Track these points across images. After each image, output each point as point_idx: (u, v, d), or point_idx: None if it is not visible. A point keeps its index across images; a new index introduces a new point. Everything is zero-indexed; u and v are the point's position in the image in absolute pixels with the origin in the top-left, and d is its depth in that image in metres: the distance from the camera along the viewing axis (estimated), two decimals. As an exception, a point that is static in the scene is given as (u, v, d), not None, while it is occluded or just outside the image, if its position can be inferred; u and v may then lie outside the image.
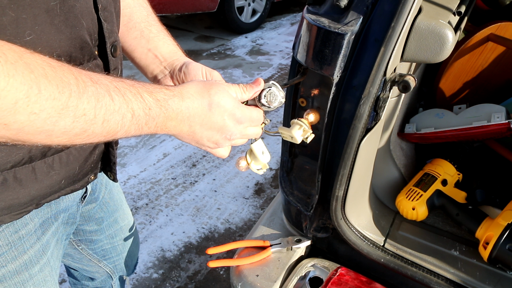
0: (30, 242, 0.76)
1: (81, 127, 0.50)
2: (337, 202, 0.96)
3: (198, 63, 0.82)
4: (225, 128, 0.68)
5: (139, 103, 0.56)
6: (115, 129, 0.55)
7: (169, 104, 0.60)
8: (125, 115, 0.55)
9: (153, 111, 0.58)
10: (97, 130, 0.53)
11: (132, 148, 2.88)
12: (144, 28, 0.85)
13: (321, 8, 0.86)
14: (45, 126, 0.47)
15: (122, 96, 0.54)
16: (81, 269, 1.14)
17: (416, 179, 1.17)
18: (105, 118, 0.52)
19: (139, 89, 0.57)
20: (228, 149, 0.75)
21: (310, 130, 0.82)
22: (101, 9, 0.67)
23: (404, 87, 0.82)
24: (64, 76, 0.48)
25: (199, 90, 0.65)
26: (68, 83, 0.48)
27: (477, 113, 1.16)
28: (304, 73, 0.89)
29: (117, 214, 1.07)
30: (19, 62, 0.44)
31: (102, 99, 0.51)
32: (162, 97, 0.60)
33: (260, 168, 0.80)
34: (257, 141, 0.77)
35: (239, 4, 4.77)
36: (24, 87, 0.43)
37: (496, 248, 0.94)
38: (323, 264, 1.03)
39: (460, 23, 0.88)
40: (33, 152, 0.66)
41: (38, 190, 0.70)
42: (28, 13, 0.55)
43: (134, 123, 0.56)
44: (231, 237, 2.16)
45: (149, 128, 0.59)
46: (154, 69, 0.85)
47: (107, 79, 0.54)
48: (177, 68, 0.83)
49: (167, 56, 0.84)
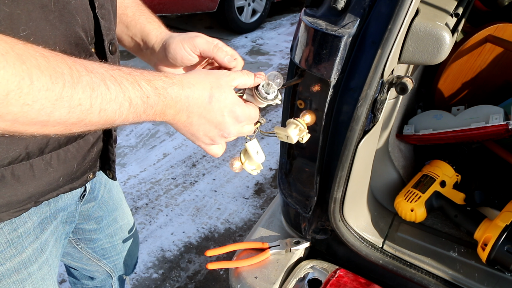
0: (28, 241, 0.76)
1: (77, 117, 0.50)
2: (336, 204, 0.96)
3: (176, 39, 0.77)
4: (223, 125, 0.66)
5: (136, 91, 0.55)
6: (113, 117, 0.54)
7: (168, 92, 0.59)
8: (123, 104, 0.54)
9: (151, 99, 0.57)
10: (94, 119, 0.52)
11: (132, 148, 2.89)
12: (121, 13, 0.83)
13: (318, 10, 0.86)
14: (39, 117, 0.47)
15: (118, 85, 0.53)
16: (80, 268, 1.14)
17: (414, 180, 1.17)
18: (101, 108, 0.52)
19: (137, 77, 0.57)
20: (222, 148, 0.73)
21: (306, 130, 0.81)
22: (98, 7, 0.67)
23: (401, 89, 0.82)
24: (58, 66, 0.47)
25: (201, 80, 0.64)
26: (61, 73, 0.47)
27: (475, 114, 1.16)
28: (302, 75, 0.90)
29: (116, 213, 1.07)
30: (10, 53, 0.43)
31: (98, 88, 0.51)
32: (161, 85, 0.59)
33: (254, 168, 0.78)
34: (252, 141, 0.76)
35: (239, 4, 4.76)
36: (16, 78, 0.43)
37: (495, 249, 0.95)
38: (322, 265, 1.03)
39: (457, 25, 0.88)
40: (30, 148, 0.66)
41: (36, 187, 0.71)
42: (22, 9, 0.55)
43: (132, 112, 0.56)
44: (231, 237, 2.17)
45: (147, 115, 0.59)
46: (145, 57, 0.84)
47: (103, 68, 0.53)
48: (160, 54, 0.80)
49: (147, 42, 0.82)
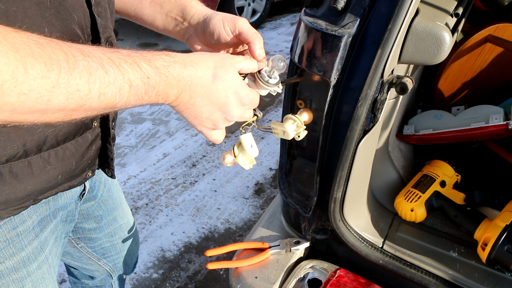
0: (28, 239, 0.76)
1: (76, 103, 0.49)
2: (336, 204, 0.96)
3: (219, 15, 0.78)
4: (227, 107, 0.65)
5: (136, 72, 0.54)
6: (113, 101, 0.53)
7: (169, 71, 0.58)
8: (122, 86, 0.53)
9: (152, 79, 0.56)
10: (94, 104, 0.51)
11: (132, 148, 2.89)
12: None
13: (318, 10, 0.86)
14: (37, 105, 0.46)
15: (117, 67, 0.52)
16: (80, 268, 1.14)
17: (414, 180, 1.17)
18: (100, 92, 0.51)
19: (136, 58, 0.55)
20: (223, 134, 0.72)
21: (303, 126, 0.80)
22: (94, 4, 0.67)
23: (401, 89, 0.82)
24: (53, 52, 0.46)
25: (204, 59, 0.63)
26: (57, 60, 0.46)
27: (475, 114, 1.16)
28: (301, 74, 0.90)
29: (116, 212, 1.07)
30: (3, 42, 0.43)
31: (95, 72, 0.50)
32: (161, 64, 0.57)
33: (247, 162, 0.77)
34: (247, 134, 0.74)
35: (239, 4, 4.77)
36: (10, 68, 0.42)
37: (495, 249, 0.95)
38: (322, 265, 1.03)
39: (457, 25, 0.88)
40: (27, 146, 0.66)
41: (34, 185, 0.71)
42: (18, 6, 0.55)
43: (133, 94, 0.55)
44: (231, 237, 2.17)
45: (149, 97, 0.57)
46: (179, 31, 0.82)
47: (100, 51, 0.52)
48: (199, 26, 0.79)
49: (184, 14, 0.80)
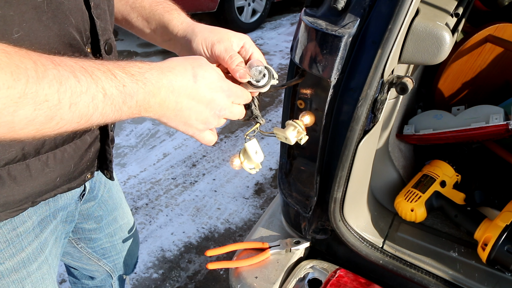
0: (28, 240, 0.76)
1: (45, 114, 0.47)
2: (336, 204, 0.96)
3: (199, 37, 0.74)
4: (214, 102, 0.64)
5: (110, 80, 0.52)
6: (87, 112, 0.51)
7: (146, 77, 0.56)
8: (96, 95, 0.50)
9: (128, 87, 0.54)
10: (66, 116, 0.49)
11: (132, 148, 2.89)
12: (139, 6, 0.81)
13: (318, 10, 0.86)
14: (2, 117, 0.44)
15: (89, 76, 0.50)
16: (81, 268, 1.14)
17: (414, 180, 1.17)
18: (71, 102, 0.48)
19: (110, 66, 0.53)
20: (215, 134, 0.71)
21: (304, 132, 0.81)
22: (93, 6, 0.67)
23: (401, 89, 0.82)
24: (21, 62, 0.45)
25: (180, 63, 0.62)
26: (24, 69, 0.45)
27: (475, 114, 1.16)
28: (302, 75, 0.90)
29: (116, 212, 1.07)
30: None
31: (66, 82, 0.48)
32: (137, 70, 0.56)
33: (253, 167, 0.79)
34: (251, 141, 0.77)
35: (239, 4, 4.76)
36: None
37: (495, 249, 0.95)
38: (322, 265, 1.03)
39: (457, 25, 0.88)
40: (26, 149, 0.65)
41: (33, 188, 0.70)
42: (15, 10, 0.54)
43: (108, 104, 0.52)
44: (231, 237, 2.17)
45: (129, 108, 0.55)
46: (169, 47, 0.81)
47: (72, 60, 0.50)
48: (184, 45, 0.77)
49: (168, 34, 0.80)
